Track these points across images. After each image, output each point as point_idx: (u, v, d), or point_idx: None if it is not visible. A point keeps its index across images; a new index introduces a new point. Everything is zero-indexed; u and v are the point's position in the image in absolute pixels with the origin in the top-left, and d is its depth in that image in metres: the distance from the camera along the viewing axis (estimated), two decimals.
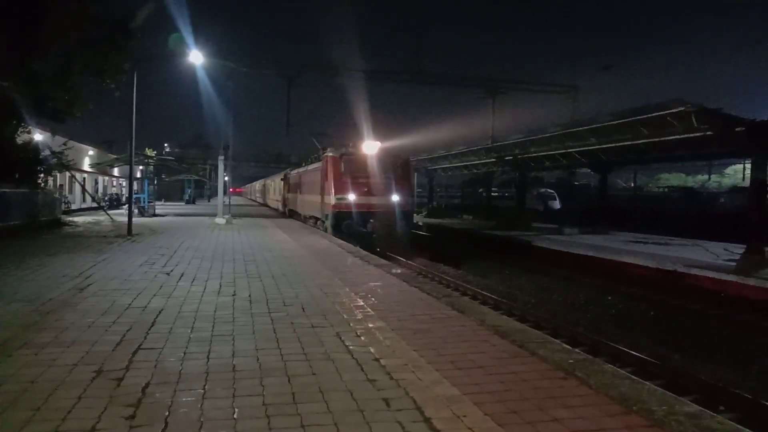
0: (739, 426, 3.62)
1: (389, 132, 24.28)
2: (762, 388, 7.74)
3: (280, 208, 39.44)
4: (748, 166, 25.40)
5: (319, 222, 22.99)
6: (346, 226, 19.30)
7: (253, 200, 72.04)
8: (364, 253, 13.73)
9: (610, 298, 14.03)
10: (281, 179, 40.05)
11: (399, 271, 10.93)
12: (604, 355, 8.74)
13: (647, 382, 4.52)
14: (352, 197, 19.57)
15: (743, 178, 41.73)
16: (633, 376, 4.61)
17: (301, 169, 29.88)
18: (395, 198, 19.94)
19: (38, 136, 22.89)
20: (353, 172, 20.06)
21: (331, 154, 20.95)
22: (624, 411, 3.80)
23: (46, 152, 21.79)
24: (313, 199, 23.63)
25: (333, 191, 19.93)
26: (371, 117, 24.63)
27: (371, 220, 19.61)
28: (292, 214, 32.23)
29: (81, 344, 5.16)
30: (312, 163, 26.47)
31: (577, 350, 5.28)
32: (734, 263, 14.80)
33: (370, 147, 20.84)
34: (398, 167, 20.84)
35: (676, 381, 7.84)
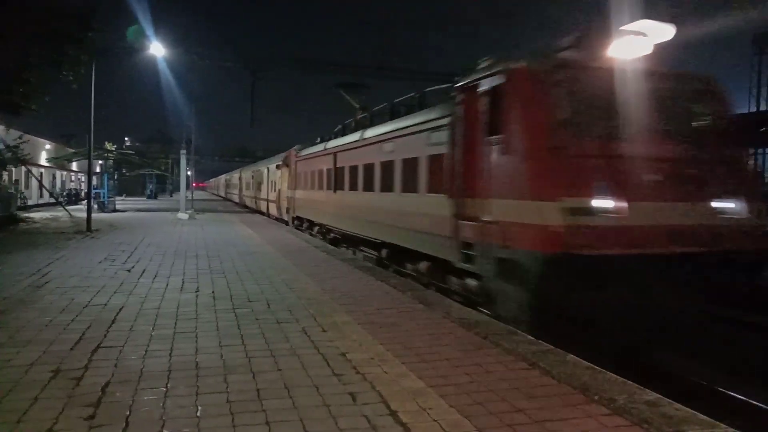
0: (694, 411, 3.73)
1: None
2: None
3: (275, 213, 25.76)
4: None
5: (426, 269, 9.33)
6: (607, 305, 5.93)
7: (221, 196, 70.90)
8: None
9: None
10: (278, 166, 24.74)
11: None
12: None
13: (608, 372, 4.60)
14: (621, 204, 6.17)
15: None
16: (595, 366, 4.69)
17: (346, 140, 14.32)
18: (741, 206, 6.84)
19: None
20: (606, 125, 6.60)
21: (522, 65, 6.89)
22: (586, 400, 3.88)
23: (0, 146, 21.13)
24: (407, 208, 9.90)
25: (547, 183, 6.28)
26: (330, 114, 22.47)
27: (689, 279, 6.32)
28: (299, 226, 20.00)
29: (38, 343, 5.02)
30: (380, 122, 12.18)
31: (540, 341, 5.35)
32: None
33: (640, 47, 7.20)
34: (723, 119, 7.57)
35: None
